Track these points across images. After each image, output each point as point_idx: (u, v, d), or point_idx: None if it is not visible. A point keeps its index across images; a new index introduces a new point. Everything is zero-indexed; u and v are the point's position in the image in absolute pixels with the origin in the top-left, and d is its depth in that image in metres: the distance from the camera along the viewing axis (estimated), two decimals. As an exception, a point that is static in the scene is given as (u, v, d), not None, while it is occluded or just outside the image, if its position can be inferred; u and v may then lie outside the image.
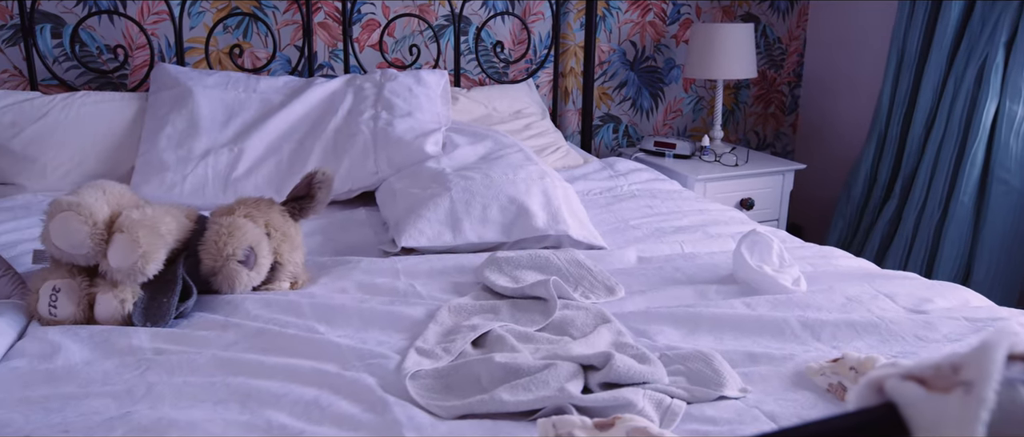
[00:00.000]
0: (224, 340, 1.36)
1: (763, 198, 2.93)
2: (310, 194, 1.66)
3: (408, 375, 1.21)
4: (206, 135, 2.20)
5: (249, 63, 2.61)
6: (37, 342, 1.34)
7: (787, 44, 3.47)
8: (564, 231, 1.83)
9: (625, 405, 1.13)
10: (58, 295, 1.41)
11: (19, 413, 1.12)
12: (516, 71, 3.00)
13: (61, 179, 2.19)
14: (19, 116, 2.18)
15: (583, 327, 1.42)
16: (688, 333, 1.42)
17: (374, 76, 2.44)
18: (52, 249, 1.42)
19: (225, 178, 2.15)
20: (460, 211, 1.83)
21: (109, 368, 1.25)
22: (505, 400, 1.13)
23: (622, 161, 2.66)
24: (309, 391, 1.18)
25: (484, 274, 1.63)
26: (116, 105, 2.31)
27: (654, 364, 1.23)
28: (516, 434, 1.09)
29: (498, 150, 2.19)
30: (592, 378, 1.21)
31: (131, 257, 1.40)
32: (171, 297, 1.45)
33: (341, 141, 2.22)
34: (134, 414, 1.11)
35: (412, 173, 2.05)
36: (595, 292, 1.60)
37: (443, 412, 1.14)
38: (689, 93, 3.37)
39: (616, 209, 2.21)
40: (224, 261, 1.51)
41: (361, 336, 1.39)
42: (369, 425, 1.10)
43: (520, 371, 1.19)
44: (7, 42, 2.33)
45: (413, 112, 2.28)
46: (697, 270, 1.73)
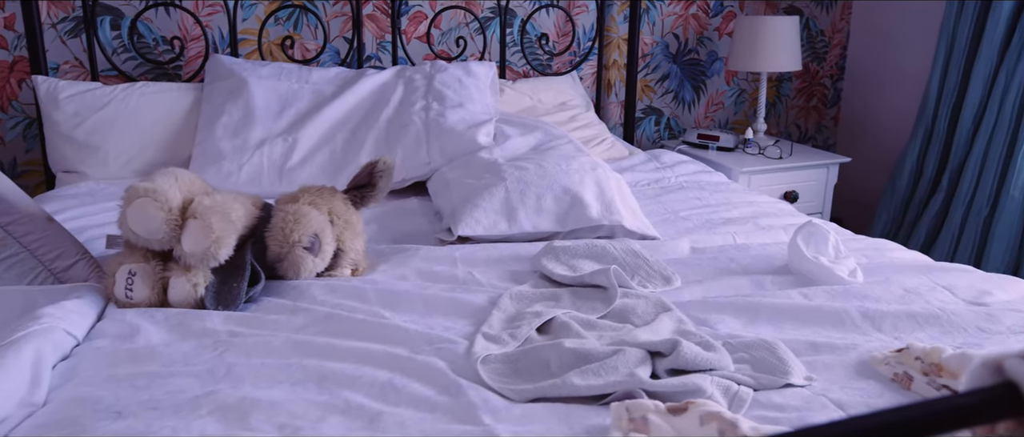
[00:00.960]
0: (294, 324, 1.40)
1: (807, 191, 2.92)
2: (371, 183, 1.69)
3: (479, 359, 1.24)
4: (261, 125, 2.25)
5: (299, 54, 2.65)
6: (116, 323, 1.38)
7: (830, 37, 3.45)
8: (618, 221, 1.85)
9: (694, 391, 1.15)
10: (134, 279, 1.46)
11: (108, 390, 1.16)
12: (560, 63, 3.02)
13: (122, 167, 2.25)
14: (82, 106, 2.24)
15: (644, 315, 1.44)
16: (748, 322, 1.44)
17: (424, 67, 2.47)
18: (128, 234, 1.47)
19: (280, 167, 2.20)
20: (515, 201, 1.86)
21: (188, 349, 1.29)
22: (576, 384, 1.15)
23: (667, 153, 2.67)
24: (382, 373, 1.21)
25: (541, 263, 1.66)
26: (173, 95, 2.36)
27: (719, 352, 1.25)
28: (588, 417, 1.11)
29: (548, 141, 2.21)
30: (659, 364, 1.23)
31: (204, 242, 1.44)
32: (241, 282, 1.49)
33: (393, 131, 2.25)
34: (217, 393, 1.15)
35: (465, 163, 2.08)
36: (652, 281, 1.62)
37: (515, 395, 1.16)
38: (731, 86, 3.36)
39: (665, 200, 2.23)
40: (290, 247, 1.55)
41: (426, 322, 1.42)
42: (445, 407, 1.13)
43: (589, 356, 1.21)
44: (69, 34, 2.39)
45: (464, 103, 2.31)
46: (751, 261, 1.74)
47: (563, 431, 1.08)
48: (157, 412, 1.11)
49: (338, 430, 1.07)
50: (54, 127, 2.23)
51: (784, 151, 2.96)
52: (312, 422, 1.09)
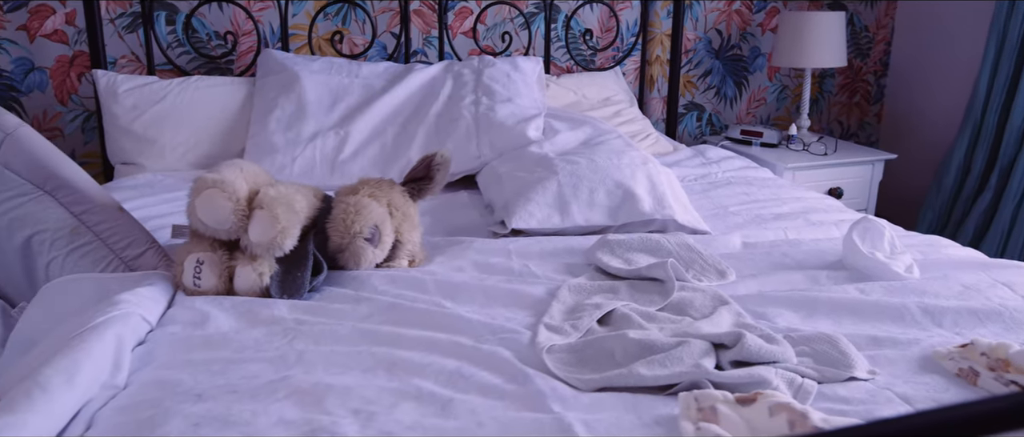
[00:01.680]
0: (359, 313, 1.43)
1: (851, 188, 2.91)
2: (429, 176, 1.72)
3: (544, 349, 1.26)
4: (313, 119, 2.28)
5: (347, 49, 2.68)
6: (187, 310, 1.42)
7: (874, 32, 3.42)
8: (670, 215, 1.87)
9: (760, 382, 1.16)
10: (202, 268, 1.50)
11: (186, 374, 1.20)
12: (603, 59, 3.03)
13: (178, 159, 2.30)
14: (140, 99, 2.29)
15: (702, 308, 1.45)
16: (806, 316, 1.44)
17: (471, 62, 2.49)
18: (196, 223, 1.50)
19: (332, 160, 2.23)
20: (568, 195, 1.87)
21: (259, 336, 1.33)
22: (643, 374, 1.17)
23: (712, 149, 2.68)
24: (450, 362, 1.24)
25: (596, 256, 1.67)
26: (226, 89, 2.40)
27: (782, 344, 1.26)
28: (655, 407, 1.13)
29: (597, 136, 2.23)
30: (722, 356, 1.24)
31: (271, 232, 1.47)
32: (304, 271, 1.53)
33: (443, 125, 2.28)
34: (291, 378, 1.18)
35: (515, 157, 2.10)
36: (706, 275, 1.63)
37: (581, 385, 1.18)
38: (773, 82, 3.35)
39: (713, 195, 2.23)
40: (351, 238, 1.58)
41: (487, 312, 1.44)
42: (514, 395, 1.15)
43: (654, 347, 1.23)
44: (126, 29, 2.44)
45: (513, 98, 2.33)
46: (805, 256, 1.75)
47: (631, 420, 1.09)
48: (235, 395, 1.14)
49: (412, 416, 1.10)
50: (113, 120, 2.28)
51: (829, 147, 2.94)
52: (386, 407, 1.11)
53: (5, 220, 1.51)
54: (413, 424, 1.08)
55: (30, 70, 2.39)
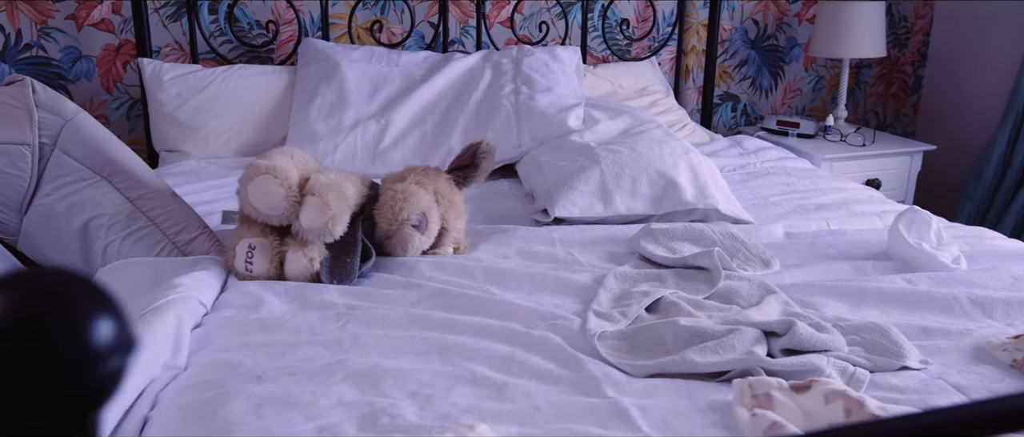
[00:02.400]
0: (409, 298, 1.45)
1: (890, 179, 2.89)
2: (474, 164, 1.73)
3: (595, 336, 1.27)
4: (354, 107, 2.31)
5: (385, 39, 2.70)
6: (240, 295, 1.45)
7: (913, 22, 3.39)
8: (712, 205, 1.87)
9: (813, 370, 1.16)
10: (253, 253, 1.52)
11: (245, 356, 1.22)
12: (638, 49, 3.02)
13: (222, 147, 2.33)
14: (184, 88, 2.33)
15: (749, 297, 1.46)
16: (853, 306, 1.44)
17: (510, 52, 2.50)
18: (248, 209, 1.53)
19: (373, 148, 2.25)
20: (610, 184, 1.88)
21: (312, 320, 1.35)
22: (695, 361, 1.18)
23: (749, 139, 2.67)
24: (502, 347, 1.25)
25: (640, 244, 1.68)
26: (268, 78, 2.43)
27: (833, 333, 1.26)
28: (709, 393, 1.14)
29: (637, 125, 2.23)
30: (773, 344, 1.25)
31: (322, 218, 1.49)
32: (354, 257, 1.55)
33: (483, 114, 2.29)
34: (348, 361, 1.20)
35: (556, 146, 2.11)
36: (751, 264, 1.64)
37: (634, 371, 1.19)
38: (809, 72, 3.33)
39: (752, 186, 2.23)
40: (399, 225, 1.60)
41: (535, 299, 1.46)
42: (568, 380, 1.17)
43: (705, 334, 1.24)
44: (170, 18, 2.48)
45: (552, 87, 2.34)
46: (849, 246, 1.74)
47: (686, 405, 1.10)
48: (294, 378, 1.16)
49: (468, 399, 1.12)
50: (158, 108, 2.32)
51: (866, 138, 2.92)
52: (442, 391, 1.13)
53: (64, 205, 1.55)
54: (470, 407, 1.09)
55: (78, 58, 2.43)
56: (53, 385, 0.28)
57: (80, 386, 0.28)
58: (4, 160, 1.50)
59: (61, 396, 0.28)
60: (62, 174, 1.54)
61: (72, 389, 0.28)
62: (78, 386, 0.28)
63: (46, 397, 0.28)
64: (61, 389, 0.28)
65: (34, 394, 0.27)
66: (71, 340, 0.28)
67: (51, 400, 0.28)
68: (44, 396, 0.28)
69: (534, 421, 1.06)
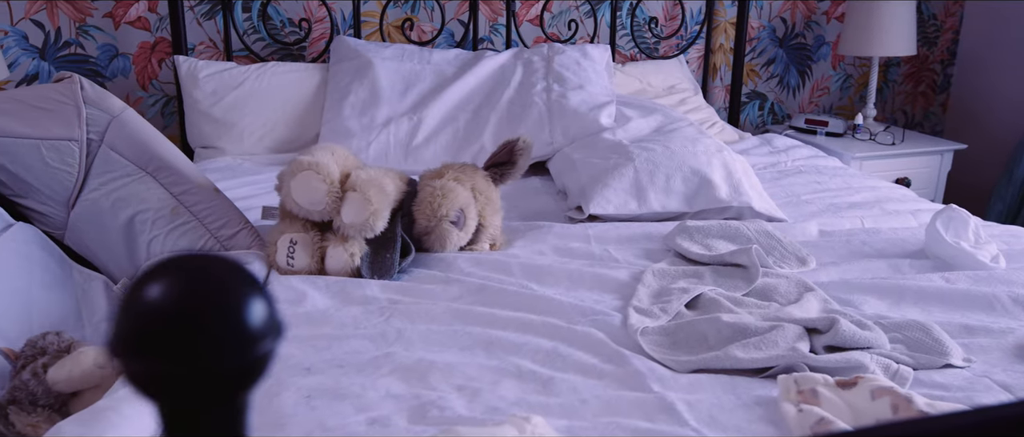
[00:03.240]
0: (449, 293, 1.47)
1: (920, 178, 2.88)
2: (511, 160, 1.75)
3: (638, 331, 1.28)
4: (387, 104, 2.33)
5: (415, 37, 2.72)
6: (284, 289, 1.47)
7: (943, 20, 3.37)
8: (746, 202, 1.87)
9: (857, 367, 1.17)
10: (295, 248, 1.54)
11: (293, 348, 1.24)
12: (666, 47, 3.03)
13: (256, 143, 2.36)
14: (219, 85, 2.35)
15: (787, 294, 1.46)
16: (893, 304, 1.45)
17: (541, 50, 2.51)
18: (290, 205, 1.55)
19: (405, 145, 2.27)
20: (644, 181, 1.89)
21: (356, 314, 1.37)
22: (739, 357, 1.19)
23: (779, 137, 2.67)
24: (545, 342, 1.27)
25: (676, 241, 1.69)
26: (300, 75, 2.46)
27: (875, 331, 1.27)
28: (753, 389, 1.15)
29: (669, 123, 2.23)
30: (815, 341, 1.25)
31: (363, 214, 1.51)
32: (393, 253, 1.57)
33: (515, 112, 2.30)
34: (394, 355, 1.22)
35: (589, 144, 2.12)
36: (787, 262, 1.64)
37: (677, 366, 1.21)
38: (837, 71, 3.32)
39: (784, 184, 2.23)
40: (438, 221, 1.62)
41: (574, 295, 1.47)
42: (612, 375, 1.18)
43: (748, 331, 1.25)
44: (204, 16, 2.51)
45: (584, 85, 2.35)
46: (884, 244, 1.74)
47: (731, 401, 1.11)
48: (342, 370, 1.18)
49: (514, 393, 1.13)
50: (194, 105, 2.34)
51: (896, 137, 2.91)
52: (488, 384, 1.15)
53: (110, 200, 1.57)
54: (517, 400, 1.11)
55: (114, 56, 2.46)
56: (216, 362, 0.29)
57: (239, 365, 0.29)
58: (53, 155, 1.53)
59: (222, 374, 0.29)
60: (109, 169, 1.57)
61: (232, 367, 0.29)
62: (237, 365, 0.29)
63: (209, 374, 0.29)
64: (222, 367, 0.29)
65: (198, 371, 0.29)
66: (232, 321, 0.29)
67: (213, 377, 0.29)
68: (207, 373, 0.29)
69: (581, 415, 1.07)
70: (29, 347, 1.22)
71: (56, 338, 1.24)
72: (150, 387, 0.30)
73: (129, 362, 0.29)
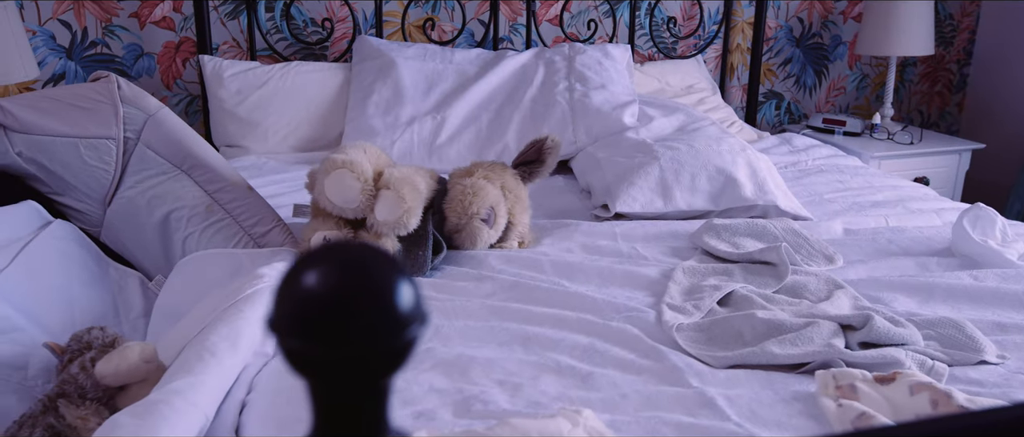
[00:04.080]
0: (483, 290, 1.48)
1: (938, 177, 2.89)
2: (540, 159, 1.76)
3: (673, 327, 1.30)
4: (410, 103, 2.34)
5: (436, 36, 2.74)
6: (319, 285, 1.49)
7: (959, 20, 3.37)
8: (772, 201, 1.89)
9: (892, 363, 1.18)
10: (329, 244, 1.56)
11: (333, 344, 1.26)
12: (684, 47, 3.04)
13: (280, 142, 2.38)
14: (243, 84, 2.38)
15: (817, 292, 1.48)
16: (922, 301, 1.46)
17: (562, 49, 2.53)
18: (324, 202, 1.57)
19: (429, 144, 2.29)
20: (670, 180, 1.90)
21: (393, 310, 1.38)
22: (775, 353, 1.20)
23: (797, 137, 2.68)
24: (582, 338, 1.28)
25: (703, 239, 1.70)
26: (323, 75, 2.47)
27: (908, 327, 1.28)
28: (790, 384, 1.16)
29: (691, 123, 2.25)
30: (850, 338, 1.27)
31: (397, 212, 1.53)
32: (426, 250, 1.58)
33: (538, 111, 2.32)
34: (434, 350, 1.24)
35: (612, 143, 2.13)
36: (814, 260, 1.65)
37: (714, 361, 1.22)
38: (854, 71, 3.33)
39: (805, 183, 2.24)
40: (469, 219, 1.63)
41: (606, 292, 1.49)
42: (651, 370, 1.19)
43: (783, 327, 1.26)
44: (228, 16, 2.53)
45: (606, 84, 2.37)
46: (910, 243, 1.75)
47: (769, 395, 1.13)
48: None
49: (555, 388, 1.15)
50: (219, 104, 2.36)
51: (914, 137, 2.92)
52: (529, 379, 1.16)
53: (146, 197, 1.59)
54: (558, 395, 1.13)
55: (139, 55, 2.49)
56: (368, 346, 0.31)
57: (389, 349, 0.31)
58: (91, 153, 1.55)
59: (373, 357, 0.31)
60: (145, 167, 1.59)
61: (382, 351, 0.31)
62: (387, 349, 0.31)
63: (361, 357, 0.31)
64: (374, 350, 0.31)
65: (351, 353, 0.31)
66: (384, 307, 0.31)
67: (364, 360, 0.31)
68: (359, 356, 0.31)
69: (623, 409, 1.09)
70: (75, 341, 1.24)
71: (101, 333, 1.25)
72: (304, 366, 0.31)
73: (286, 341, 0.31)
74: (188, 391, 1.05)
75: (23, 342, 1.31)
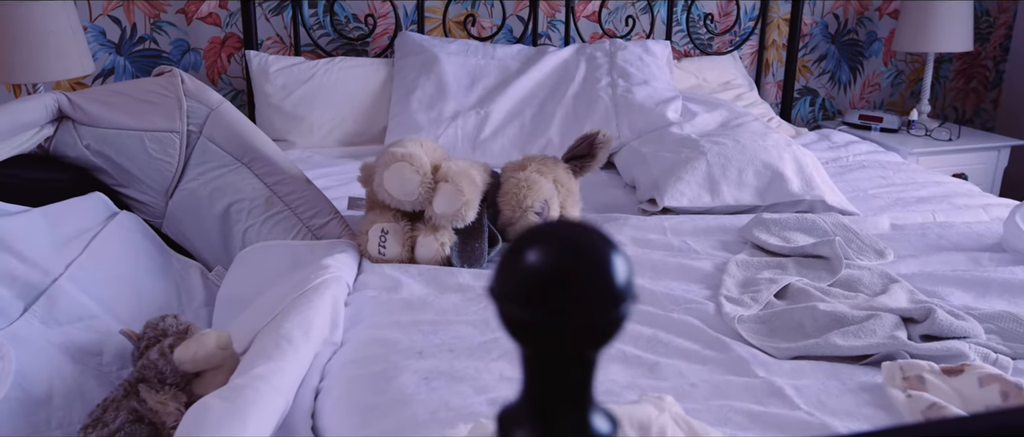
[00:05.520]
0: (541, 282, 1.50)
1: (975, 174, 2.88)
2: (591, 153, 1.78)
3: (735, 319, 1.31)
4: (454, 99, 2.37)
5: (475, 32, 2.76)
6: (378, 276, 1.51)
7: (996, 16, 3.36)
8: (819, 196, 1.89)
9: (957, 355, 1.19)
10: (387, 237, 1.59)
11: (400, 334, 1.29)
12: (719, 43, 3.05)
13: (325, 137, 2.41)
14: (289, 79, 2.41)
15: (872, 286, 1.49)
16: (978, 296, 1.46)
17: (603, 45, 2.54)
18: (383, 195, 1.59)
19: (473, 139, 2.31)
20: (717, 174, 1.92)
21: (455, 301, 1.41)
22: (839, 344, 1.22)
23: (836, 133, 2.68)
24: (645, 328, 1.30)
25: (753, 233, 1.72)
26: (367, 70, 2.50)
27: (969, 321, 1.29)
28: (856, 375, 1.17)
29: (734, 118, 2.26)
30: (911, 331, 1.28)
31: (455, 204, 1.55)
32: (482, 242, 1.61)
33: (581, 107, 2.34)
34: (500, 340, 1.26)
35: (656, 138, 2.15)
36: (864, 255, 1.66)
37: (777, 353, 1.24)
38: (889, 67, 3.32)
39: (849, 179, 2.25)
40: (523, 212, 1.65)
41: (662, 284, 1.50)
42: (717, 361, 1.21)
43: (845, 319, 1.27)
44: (272, 12, 2.56)
45: (648, 80, 2.38)
46: (960, 238, 1.76)
47: (836, 386, 1.14)
48: (453, 354, 1.22)
49: (623, 377, 1.17)
50: (265, 99, 2.40)
51: (952, 133, 2.91)
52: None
53: (207, 190, 1.63)
54: (628, 383, 1.15)
55: (186, 51, 2.52)
56: (585, 317, 0.33)
57: (603, 321, 0.33)
58: (155, 146, 1.59)
59: (588, 328, 0.33)
60: (206, 160, 1.62)
61: (597, 323, 0.33)
62: (602, 321, 0.33)
63: (577, 327, 0.33)
64: (590, 321, 0.33)
65: (569, 323, 0.33)
66: (602, 281, 0.33)
67: (580, 330, 0.33)
68: (576, 326, 0.33)
69: (693, 398, 1.11)
70: (150, 329, 1.27)
71: (174, 320, 1.29)
72: (522, 333, 0.33)
73: (508, 308, 0.33)
74: (270, 377, 1.08)
75: (98, 329, 1.35)
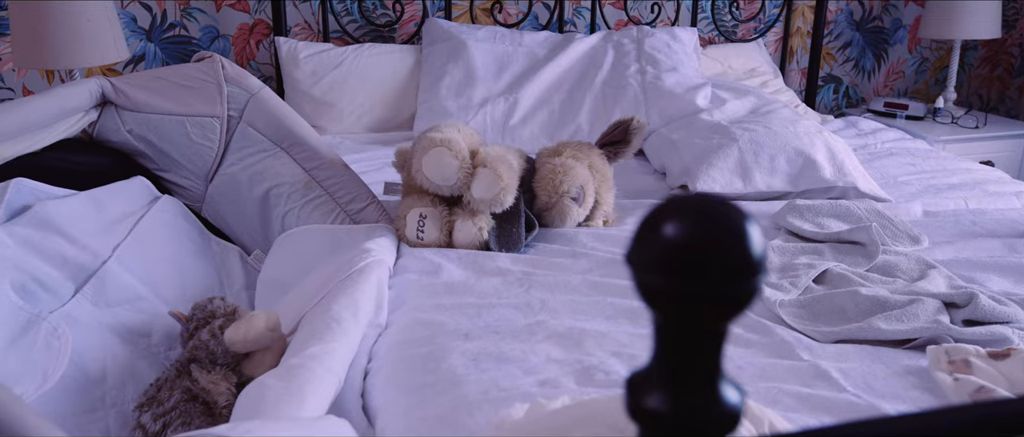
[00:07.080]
0: (580, 267, 1.51)
1: (1001, 162, 2.87)
2: (626, 139, 1.79)
3: (777, 303, 1.32)
4: (482, 85, 2.38)
5: (502, 19, 2.76)
6: (418, 260, 1.53)
7: (1021, 4, 3.34)
8: (851, 183, 1.90)
9: (1001, 340, 1.20)
10: (425, 221, 1.60)
11: (444, 316, 1.30)
12: (744, 30, 3.04)
13: (354, 123, 2.42)
14: (318, 66, 2.42)
15: (909, 271, 1.49)
16: (1017, 281, 1.47)
17: (630, 32, 2.54)
18: (421, 180, 1.61)
19: (502, 125, 2.32)
20: (749, 161, 1.92)
21: (496, 285, 1.42)
22: (882, 328, 1.23)
23: (862, 120, 2.68)
24: (686, 312, 1.31)
25: (787, 220, 1.72)
26: (395, 56, 2.51)
27: (1011, 306, 1.29)
28: (899, 359, 1.18)
29: (763, 105, 2.26)
30: (953, 315, 1.29)
31: (494, 189, 1.57)
32: (519, 227, 1.62)
33: (610, 94, 2.34)
34: (544, 323, 1.27)
35: (686, 125, 2.15)
36: (899, 241, 1.67)
37: (820, 336, 1.25)
38: (913, 54, 3.31)
39: (878, 165, 2.25)
40: (559, 197, 1.66)
41: (700, 269, 1.51)
42: (760, 344, 1.22)
43: (887, 304, 1.28)
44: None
45: (677, 67, 2.38)
46: (994, 225, 1.76)
47: (881, 369, 1.15)
48: (499, 336, 1.24)
49: (669, 358, 1.18)
50: (294, 85, 2.41)
51: (979, 121, 2.90)
52: (642, 351, 1.20)
53: (247, 174, 1.64)
54: (674, 366, 1.15)
55: (215, 37, 2.54)
56: (721, 286, 0.34)
57: (738, 292, 0.34)
58: (196, 131, 1.60)
59: (723, 297, 0.34)
60: (246, 145, 1.64)
61: (732, 293, 0.34)
62: (737, 292, 0.34)
63: (713, 295, 0.34)
64: (726, 291, 0.34)
65: (705, 291, 0.34)
66: (739, 253, 0.34)
67: (715, 299, 0.34)
68: (712, 294, 0.34)
69: (740, 380, 1.12)
70: (198, 310, 1.29)
71: (222, 302, 1.31)
72: (658, 300, 0.35)
73: (645, 275, 0.34)
74: (323, 357, 1.10)
75: (146, 310, 1.37)
